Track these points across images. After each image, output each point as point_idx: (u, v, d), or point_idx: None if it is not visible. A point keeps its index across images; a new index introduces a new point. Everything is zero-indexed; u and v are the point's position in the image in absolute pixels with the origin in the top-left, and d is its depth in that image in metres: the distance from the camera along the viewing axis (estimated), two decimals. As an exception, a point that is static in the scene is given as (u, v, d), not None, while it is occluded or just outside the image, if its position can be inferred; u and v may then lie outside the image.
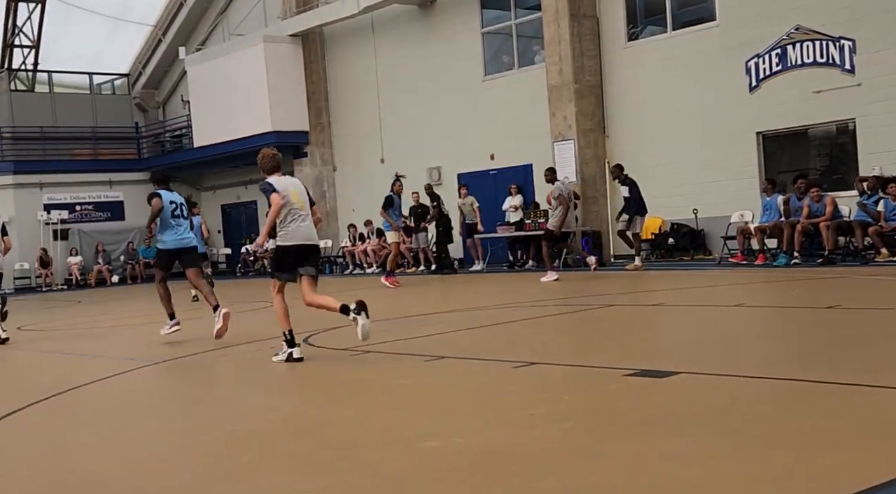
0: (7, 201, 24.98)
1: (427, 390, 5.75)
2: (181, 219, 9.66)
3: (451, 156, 20.80)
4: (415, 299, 13.29)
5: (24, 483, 4.20)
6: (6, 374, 8.52)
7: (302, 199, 7.50)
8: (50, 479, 4.21)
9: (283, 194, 7.32)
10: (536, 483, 3.52)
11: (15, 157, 26.08)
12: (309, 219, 7.56)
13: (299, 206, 7.44)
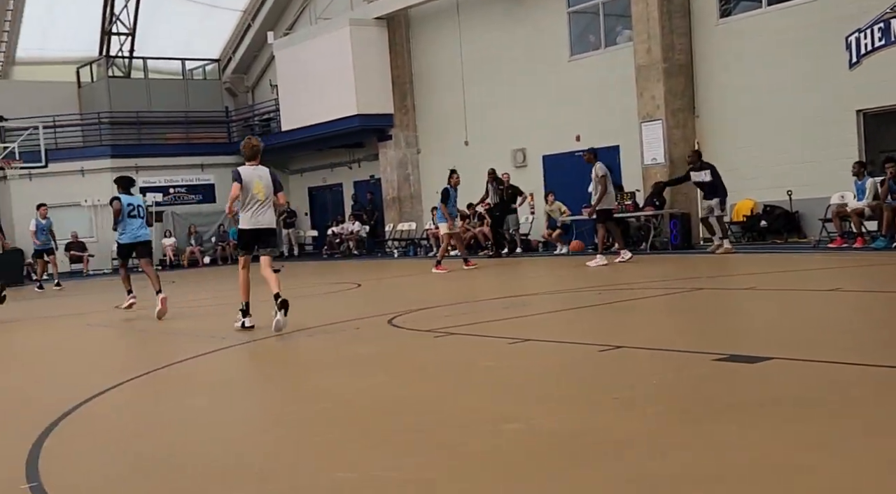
0: (105, 184, 25.83)
1: (510, 372, 5.72)
2: (137, 219, 11.40)
3: (535, 138, 20.63)
4: (497, 282, 13.25)
5: (121, 456, 4.34)
6: (104, 352, 8.83)
7: (265, 190, 8.69)
8: (145, 453, 4.33)
9: (245, 184, 8.58)
10: (623, 467, 3.46)
11: (112, 142, 26.97)
12: (268, 206, 8.74)
13: (260, 197, 8.66)
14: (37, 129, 24.05)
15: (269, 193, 8.75)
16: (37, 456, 4.31)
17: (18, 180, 25.31)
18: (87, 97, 28.28)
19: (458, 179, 16.20)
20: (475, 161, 21.39)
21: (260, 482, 3.67)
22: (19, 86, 27.73)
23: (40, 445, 4.54)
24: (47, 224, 19.48)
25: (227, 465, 3.97)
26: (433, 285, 13.38)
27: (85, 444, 4.62)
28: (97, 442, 4.65)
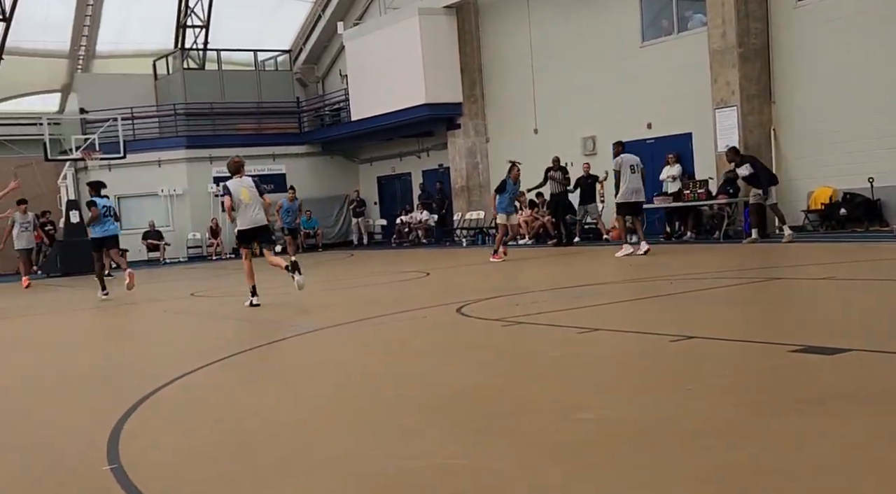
0: (181, 174, 26.50)
1: (580, 362, 5.67)
2: (109, 217, 14.10)
3: (605, 125, 20.39)
4: (566, 271, 13.16)
5: (198, 439, 4.44)
6: (182, 337, 9.05)
7: (250, 195, 10.69)
8: (222, 437, 4.43)
9: (234, 195, 10.56)
10: (697, 458, 3.40)
11: (187, 133, 27.57)
12: (257, 207, 10.73)
13: (247, 201, 10.65)
14: (116, 121, 24.71)
15: (255, 196, 10.76)
16: (117, 438, 4.44)
17: (98, 171, 26.04)
18: (163, 89, 28.95)
19: (518, 173, 16.07)
20: (544, 149, 21.24)
21: (330, 467, 3.71)
22: (99, 80, 28.54)
23: (120, 428, 4.68)
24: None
25: (298, 450, 4.02)
26: (501, 274, 13.36)
27: (164, 427, 4.75)
28: (175, 425, 4.76)
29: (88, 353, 8.07)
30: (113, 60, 29.56)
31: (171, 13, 29.00)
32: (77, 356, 7.93)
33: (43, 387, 6.30)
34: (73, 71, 29.12)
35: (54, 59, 28.83)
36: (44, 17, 27.49)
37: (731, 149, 15.70)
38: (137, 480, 3.72)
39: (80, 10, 27.96)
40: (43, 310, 13.18)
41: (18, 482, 3.88)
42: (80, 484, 3.76)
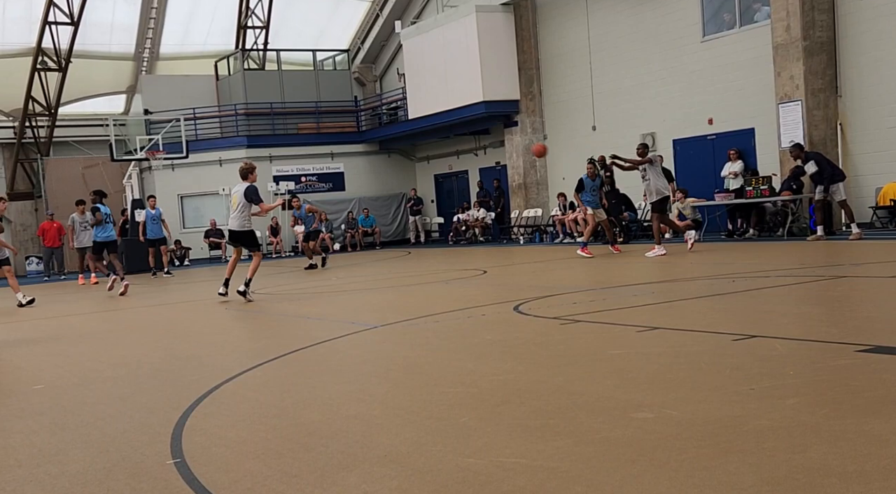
0: (241, 173, 26.86)
1: (639, 360, 5.60)
2: (108, 224, 16.19)
3: (665, 121, 20.14)
4: (625, 269, 13.02)
5: (259, 434, 4.50)
6: (243, 334, 9.18)
7: (237, 201, 11.93)
8: (282, 433, 4.48)
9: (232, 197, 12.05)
10: (761, 459, 3.33)
11: (248, 133, 27.97)
12: (239, 213, 11.95)
13: (233, 206, 11.99)
14: (178, 122, 25.20)
15: (241, 202, 11.91)
16: (181, 433, 4.52)
17: (162, 170, 26.62)
18: (224, 90, 29.42)
19: (591, 170, 15.96)
20: (603, 146, 21.05)
21: (388, 463, 3.73)
22: (162, 81, 29.13)
23: (184, 422, 4.76)
24: (157, 214, 20.29)
25: (358, 445, 4.05)
26: (560, 272, 13.28)
27: (225, 422, 4.82)
28: (237, 420, 4.83)
29: (153, 349, 8.24)
30: (176, 62, 30.14)
31: (232, 15, 29.47)
32: (141, 351, 8.10)
33: (109, 382, 6.45)
34: (137, 73, 29.78)
35: (120, 61, 29.51)
36: (110, 21, 28.16)
37: (796, 146, 15.42)
38: (200, 474, 3.79)
39: (144, 13, 28.57)
40: (108, 307, 13.50)
41: (89, 474, 3.98)
42: (146, 478, 3.83)
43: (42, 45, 26.44)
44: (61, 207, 25.24)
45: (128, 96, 30.40)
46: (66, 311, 13.19)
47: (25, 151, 28.20)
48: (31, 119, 27.56)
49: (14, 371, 7.88)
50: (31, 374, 7.29)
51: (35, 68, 26.71)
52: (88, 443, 4.53)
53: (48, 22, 26.12)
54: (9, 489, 3.85)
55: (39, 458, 4.31)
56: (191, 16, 29.51)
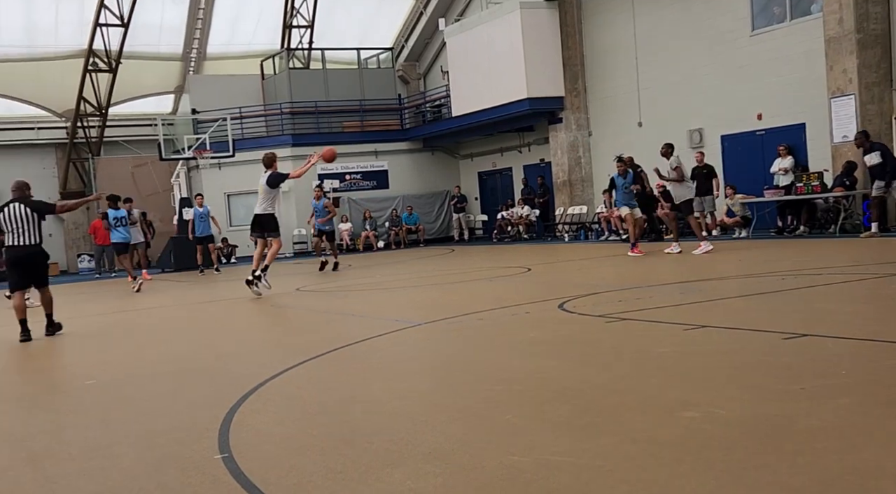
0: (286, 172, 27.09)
1: (686, 359, 5.53)
2: (122, 226, 17.50)
3: (713, 117, 19.87)
4: (671, 266, 12.87)
5: (305, 430, 4.53)
6: (288, 331, 9.26)
7: (261, 190, 12.76)
8: (327, 428, 4.51)
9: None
10: (812, 460, 3.26)
11: (293, 131, 28.21)
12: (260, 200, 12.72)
13: (260, 193, 12.79)
14: (225, 121, 25.49)
15: (264, 189, 12.74)
16: (227, 429, 4.57)
17: (209, 169, 26.95)
18: (269, 89, 29.70)
19: (621, 168, 15.82)
20: (649, 142, 20.83)
21: (432, 460, 3.73)
22: (209, 81, 29.50)
23: (230, 418, 4.81)
24: (205, 212, 20.57)
25: (403, 442, 4.05)
26: (605, 269, 13.18)
27: (271, 418, 4.86)
28: (283, 417, 4.87)
29: (200, 345, 8.35)
30: (223, 62, 30.51)
31: (277, 14, 29.73)
32: (189, 347, 8.21)
33: (158, 378, 6.55)
34: (185, 73, 30.19)
35: (168, 61, 29.95)
36: (158, 22, 28.59)
37: (862, 133, 15.06)
38: (247, 469, 3.82)
39: (192, 14, 28.95)
40: (157, 304, 13.71)
41: (139, 468, 4.04)
42: (195, 472, 3.88)
43: (93, 46, 26.93)
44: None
45: (176, 96, 30.84)
46: (116, 308, 13.42)
47: (77, 151, 28.76)
48: (82, 119, 28.10)
49: (66, 367, 8.04)
50: (82, 370, 7.44)
51: (87, 69, 27.22)
52: (138, 438, 4.60)
53: (99, 24, 26.60)
54: (63, 482, 3.93)
55: (91, 452, 4.39)
56: (237, 16, 29.84)
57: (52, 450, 4.51)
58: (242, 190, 26.63)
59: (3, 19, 26.25)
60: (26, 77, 27.78)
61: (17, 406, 5.93)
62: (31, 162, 28.30)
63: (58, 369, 8.01)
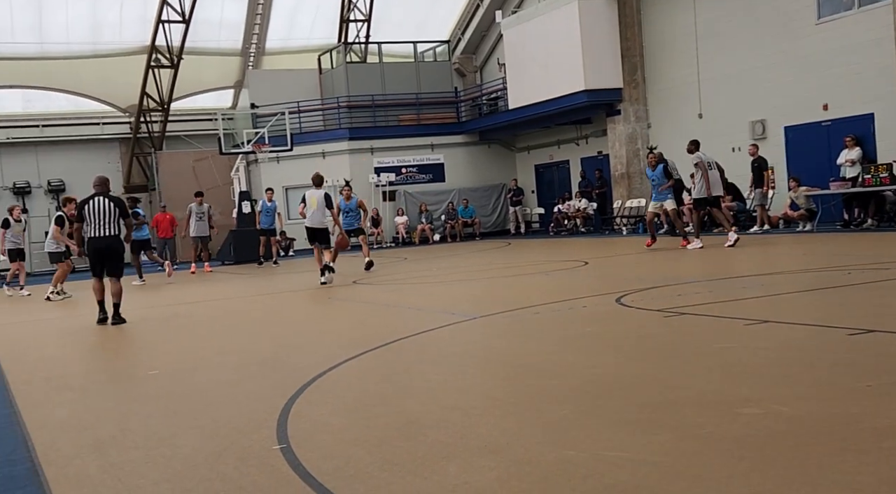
0: (343, 165, 27.33)
1: (747, 355, 5.43)
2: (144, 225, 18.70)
3: (776, 108, 19.45)
4: (733, 260, 12.65)
5: (361, 422, 4.57)
6: (346, 323, 9.33)
7: (315, 202, 14.01)
8: (383, 420, 4.53)
9: (307, 201, 14.12)
10: (880, 460, 3.17)
11: (350, 125, 28.40)
12: (317, 213, 14.01)
13: (313, 206, 14.02)
14: (283, 115, 25.77)
15: (321, 205, 14.01)
16: (286, 420, 4.63)
17: (267, 163, 27.29)
18: (327, 83, 29.93)
19: (651, 159, 15.90)
20: (710, 134, 20.52)
21: (487, 454, 3.72)
22: (268, 76, 29.84)
23: (289, 409, 4.87)
24: (272, 206, 20.97)
25: (459, 435, 4.06)
26: (664, 263, 13.01)
27: (329, 409, 4.91)
28: (340, 408, 4.92)
29: (259, 337, 8.47)
30: (281, 56, 30.83)
31: (335, 9, 29.93)
32: (248, 339, 8.33)
33: (218, 368, 6.66)
34: (244, 68, 30.59)
35: (228, 57, 30.38)
36: (218, 18, 29.00)
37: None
38: (305, 459, 3.87)
39: (251, 10, 29.31)
40: (215, 296, 13.95)
41: (200, 457, 4.12)
42: (254, 462, 3.94)
43: (156, 43, 27.45)
44: (174, 199, 26.17)
45: (235, 91, 31.26)
46: (177, 300, 13.68)
47: (140, 146, 29.36)
48: (145, 114, 28.67)
49: (131, 357, 8.23)
50: (146, 360, 7.60)
51: (149, 65, 27.76)
52: (199, 427, 4.69)
53: (161, 20, 27.10)
54: (127, 469, 4.02)
55: (155, 440, 4.49)
56: (295, 11, 30.11)
57: (116, 438, 4.62)
58: (300, 183, 26.85)
59: (71, 18, 26.90)
60: (92, 73, 28.44)
61: (84, 394, 6.09)
62: (96, 156, 28.98)
63: (122, 359, 8.20)
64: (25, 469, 4.20)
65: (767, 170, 18.15)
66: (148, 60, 27.70)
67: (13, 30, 26.48)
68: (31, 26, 26.70)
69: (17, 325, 11.88)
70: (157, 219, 25.21)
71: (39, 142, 28.51)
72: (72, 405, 5.70)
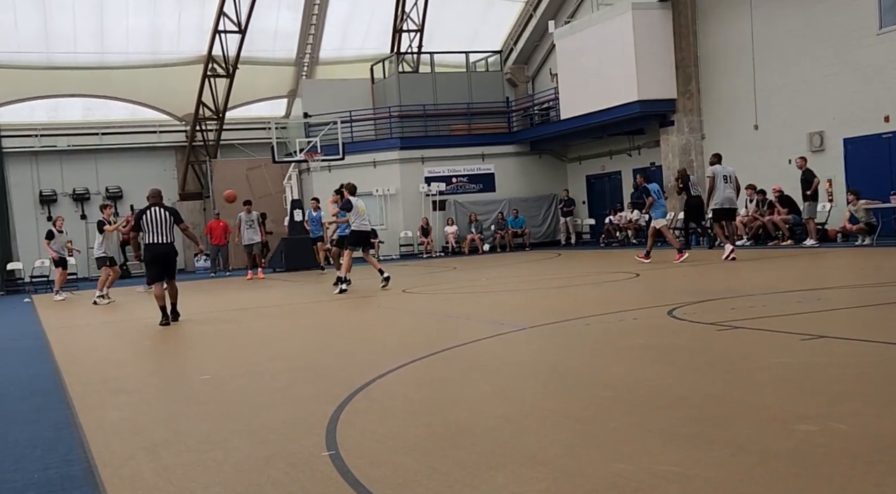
0: (394, 175, 27.47)
1: (803, 370, 5.32)
2: None
3: (835, 119, 19.07)
4: (789, 274, 12.42)
5: (410, 430, 4.57)
6: (394, 332, 9.36)
7: (363, 209, 14.61)
8: (431, 429, 4.53)
9: (354, 208, 14.41)
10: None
11: (401, 134, 28.54)
12: (366, 218, 14.64)
13: (361, 213, 14.52)
14: (335, 124, 26.00)
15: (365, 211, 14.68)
16: (335, 427, 4.65)
17: (319, 172, 27.54)
18: (379, 92, 30.14)
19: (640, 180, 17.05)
20: (765, 145, 20.23)
21: (536, 465, 3.70)
22: (321, 85, 30.15)
23: (337, 416, 4.90)
24: (318, 216, 21.26)
25: (507, 445, 4.04)
26: (716, 276, 12.82)
27: (377, 416, 4.92)
28: (388, 415, 4.93)
29: (308, 343, 8.53)
30: (334, 66, 31.13)
31: (388, 19, 30.15)
32: (297, 345, 8.40)
33: (268, 374, 6.72)
34: (298, 77, 30.95)
35: (282, 66, 30.77)
36: (273, 28, 29.42)
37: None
38: (353, 466, 3.88)
39: (305, 21, 29.67)
40: (270, 303, 14.10)
41: (250, 462, 4.16)
42: (303, 468, 3.96)
43: (212, 52, 27.93)
44: (227, 207, 26.53)
45: (289, 100, 31.63)
46: (230, 306, 13.86)
47: (196, 154, 29.85)
48: (201, 123, 29.16)
49: (183, 361, 8.35)
50: (198, 364, 7.71)
51: (205, 75, 28.24)
52: (250, 432, 4.73)
53: (218, 31, 27.57)
54: (179, 472, 4.08)
55: (207, 444, 4.54)
56: (349, 21, 30.39)
57: (169, 441, 4.69)
58: (351, 192, 27.05)
59: (131, 28, 27.51)
60: (150, 82, 29.03)
61: (138, 397, 6.20)
62: (152, 163, 29.57)
63: (175, 362, 8.33)
64: (81, 469, 4.28)
65: (814, 182, 17.78)
66: (204, 70, 28.19)
67: (76, 40, 27.17)
68: (93, 36, 27.37)
69: (72, 329, 12.15)
70: (210, 227, 25.59)
71: (98, 149, 29.18)
72: (126, 408, 5.80)
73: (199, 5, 27.79)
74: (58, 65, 27.48)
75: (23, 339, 10.91)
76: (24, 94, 27.95)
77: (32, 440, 5.03)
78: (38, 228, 26.09)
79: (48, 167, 28.69)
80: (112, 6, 26.84)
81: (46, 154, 28.65)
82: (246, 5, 27.22)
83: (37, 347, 9.80)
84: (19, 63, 26.93)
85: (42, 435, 5.13)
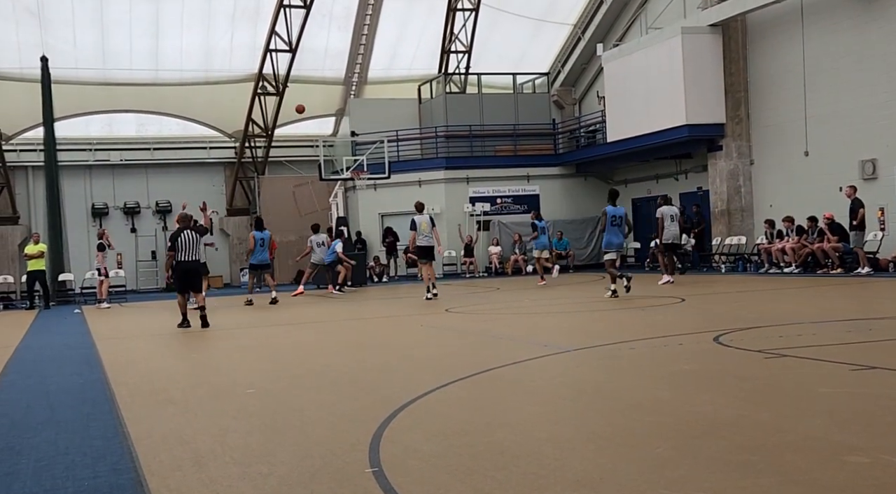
0: (439, 194, 27.57)
1: (853, 401, 5.23)
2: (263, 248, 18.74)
3: (889, 147, 18.75)
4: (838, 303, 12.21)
5: (453, 449, 4.58)
6: (438, 351, 9.38)
7: (427, 226, 16.64)
8: (475, 449, 4.53)
9: (417, 225, 16.61)
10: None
11: (447, 154, 28.67)
12: (429, 235, 16.67)
13: (426, 231, 16.64)
14: (382, 143, 26.21)
15: (430, 228, 16.75)
16: (378, 444, 4.67)
17: (365, 190, 27.76)
18: (426, 112, 30.33)
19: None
20: (816, 172, 19.97)
21: (580, 488, 3.68)
22: (369, 104, 30.44)
23: (381, 433, 4.92)
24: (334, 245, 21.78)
25: (551, 467, 4.03)
26: (765, 303, 12.65)
27: (421, 435, 4.93)
28: (432, 434, 4.93)
29: (353, 359, 8.58)
30: (382, 86, 31.43)
31: (437, 40, 30.38)
32: (343, 361, 8.45)
33: (314, 389, 6.78)
34: (346, 96, 31.29)
35: (331, 85, 31.15)
36: (324, 47, 29.81)
37: None
38: (396, 484, 3.90)
39: (355, 40, 30.03)
40: (312, 319, 14.21)
41: (295, 476, 4.19)
42: (347, 484, 3.99)
43: (263, 71, 28.38)
44: (273, 223, 26.82)
45: (336, 118, 31.98)
46: (276, 321, 14.00)
47: (244, 170, 30.28)
48: (250, 140, 29.60)
49: (230, 373, 8.44)
50: (245, 378, 7.79)
51: (256, 93, 28.70)
52: (295, 446, 4.78)
53: (269, 49, 28.02)
54: (225, 483, 4.13)
55: (252, 457, 4.59)
56: (398, 42, 30.69)
57: (216, 452, 4.75)
58: (396, 210, 27.25)
59: (185, 46, 28.08)
60: (202, 99, 29.58)
61: (185, 409, 6.28)
62: (202, 178, 30.06)
63: (222, 375, 8.43)
64: (129, 479, 4.36)
65: (860, 212, 17.44)
66: (255, 88, 28.64)
67: (131, 57, 27.80)
68: (148, 54, 27.99)
69: (121, 340, 12.37)
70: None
71: (149, 164, 29.76)
72: (174, 419, 5.89)
73: (252, 25, 28.28)
74: (114, 81, 28.13)
75: (74, 349, 11.13)
76: (81, 109, 28.64)
77: (82, 448, 5.13)
78: (89, 240, 26.64)
79: (101, 180, 29.32)
80: (167, 25, 27.43)
81: (100, 168, 29.30)
82: (297, 25, 27.63)
83: (87, 357, 10.00)
84: (77, 79, 27.62)
85: (92, 444, 5.23)
